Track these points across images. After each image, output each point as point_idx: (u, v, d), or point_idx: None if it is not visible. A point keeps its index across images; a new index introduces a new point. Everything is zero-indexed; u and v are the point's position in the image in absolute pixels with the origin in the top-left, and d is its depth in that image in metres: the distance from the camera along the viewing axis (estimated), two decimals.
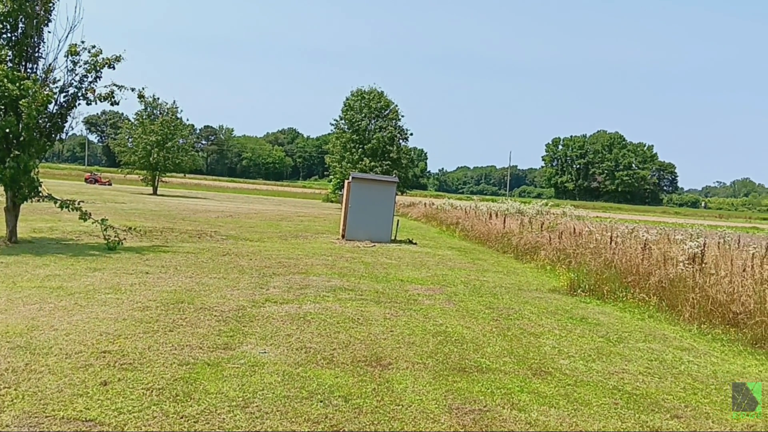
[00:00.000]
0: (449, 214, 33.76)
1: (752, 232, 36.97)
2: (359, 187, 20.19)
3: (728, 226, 36.38)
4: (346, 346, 6.74)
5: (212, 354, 6.07)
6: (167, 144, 53.33)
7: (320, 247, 17.26)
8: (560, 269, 14.48)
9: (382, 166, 56.92)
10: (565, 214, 27.57)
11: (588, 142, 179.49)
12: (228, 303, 8.53)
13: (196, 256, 13.05)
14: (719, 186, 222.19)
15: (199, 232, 18.61)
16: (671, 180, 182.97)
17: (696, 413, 5.43)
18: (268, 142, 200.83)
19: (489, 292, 11.40)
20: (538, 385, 5.91)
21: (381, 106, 60.64)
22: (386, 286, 11.15)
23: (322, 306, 8.82)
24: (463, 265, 15.63)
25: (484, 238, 23.30)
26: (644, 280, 11.07)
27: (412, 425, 4.68)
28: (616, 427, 4.95)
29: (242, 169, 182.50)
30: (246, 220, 26.09)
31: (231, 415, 4.61)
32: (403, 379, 5.75)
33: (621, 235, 14.38)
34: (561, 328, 8.57)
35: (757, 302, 8.62)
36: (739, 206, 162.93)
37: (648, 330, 8.91)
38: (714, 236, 13.86)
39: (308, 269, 12.41)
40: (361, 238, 19.62)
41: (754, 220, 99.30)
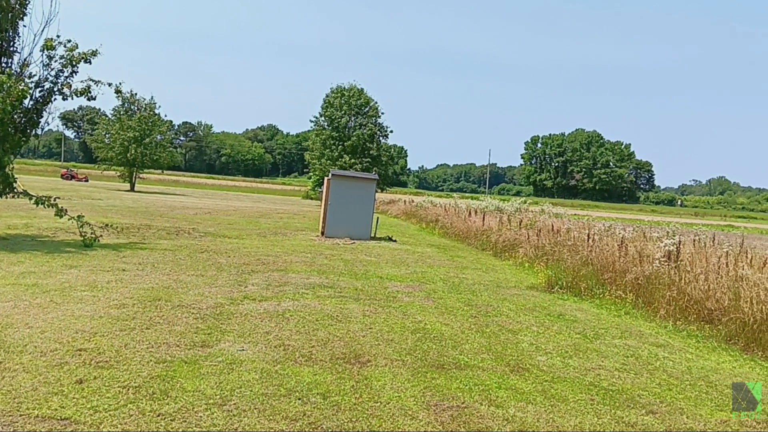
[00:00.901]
0: (429, 212, 33.83)
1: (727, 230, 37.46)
2: (339, 184, 20.15)
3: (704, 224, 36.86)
4: (325, 343, 6.73)
5: (189, 352, 6.03)
6: (145, 140, 52.79)
7: (299, 244, 17.21)
8: (538, 266, 14.59)
9: (362, 163, 56.93)
10: (543, 211, 27.76)
11: (566, 140, 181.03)
12: (206, 300, 8.48)
13: (174, 254, 12.95)
14: (695, 184, 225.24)
15: (177, 229, 18.46)
16: (648, 178, 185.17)
17: (671, 409, 5.50)
18: (247, 138, 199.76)
19: (468, 289, 11.45)
20: (516, 381, 5.95)
21: (361, 103, 60.65)
22: (365, 283, 11.15)
23: (301, 303, 8.80)
24: (443, 262, 15.68)
25: (463, 235, 23.39)
26: (621, 277, 11.18)
27: (391, 422, 4.69)
28: (592, 423, 5.00)
29: (221, 165, 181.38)
30: (225, 217, 25.93)
31: (208, 413, 4.59)
32: (382, 376, 5.76)
33: (598, 232, 14.51)
34: (539, 325, 8.63)
35: (732, 299, 8.75)
36: (715, 204, 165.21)
37: (624, 326, 9.01)
38: (689, 234, 14.02)
39: (287, 266, 12.37)
40: (340, 236, 19.60)
41: (730, 218, 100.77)
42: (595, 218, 22.52)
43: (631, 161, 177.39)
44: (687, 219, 73.68)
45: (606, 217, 43.04)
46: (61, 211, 13.50)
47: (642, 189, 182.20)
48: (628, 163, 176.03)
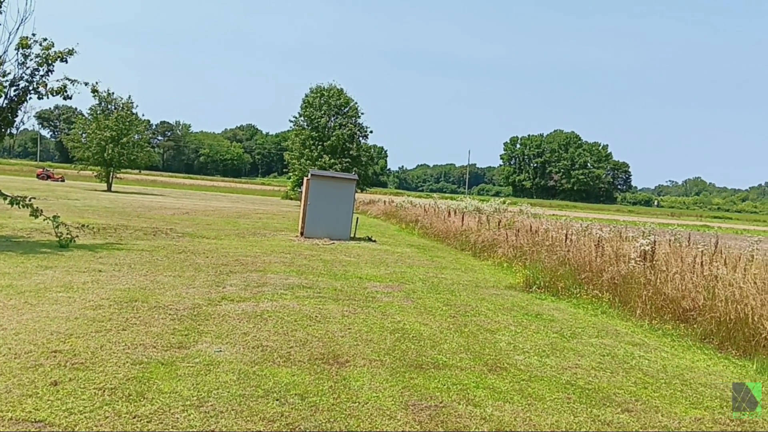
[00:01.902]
0: (409, 212, 33.89)
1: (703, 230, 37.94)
2: (318, 184, 20.12)
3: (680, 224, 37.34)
4: (304, 344, 6.72)
5: (166, 353, 5.99)
6: (122, 140, 52.22)
7: (279, 244, 17.15)
8: (517, 266, 14.68)
9: (342, 164, 56.86)
10: (522, 212, 27.94)
11: (545, 141, 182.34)
12: (183, 301, 8.42)
13: (151, 254, 12.84)
14: (671, 185, 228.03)
15: (154, 230, 18.30)
16: (625, 179, 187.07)
17: (646, 407, 5.56)
18: (226, 138, 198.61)
19: (447, 289, 11.49)
20: (494, 380, 5.98)
21: (341, 103, 60.58)
22: (345, 283, 11.14)
23: (280, 304, 8.77)
24: (422, 262, 15.72)
25: (443, 235, 23.46)
26: (597, 276, 11.29)
27: (368, 422, 4.69)
28: (568, 422, 5.04)
29: (199, 165, 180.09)
30: (203, 218, 25.77)
31: (185, 414, 4.56)
32: (360, 376, 5.76)
33: (576, 232, 14.64)
34: (516, 324, 8.69)
35: (707, 298, 8.88)
36: (691, 205, 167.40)
37: (601, 326, 9.09)
38: (665, 234, 14.19)
39: (266, 267, 12.32)
40: (320, 236, 19.56)
41: (705, 219, 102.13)
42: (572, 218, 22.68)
43: (609, 162, 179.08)
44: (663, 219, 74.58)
45: (584, 217, 43.41)
46: (36, 211, 13.32)
47: (619, 189, 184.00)
48: (605, 163, 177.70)
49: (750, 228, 66.60)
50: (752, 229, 62.48)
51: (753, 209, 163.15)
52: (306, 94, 62.35)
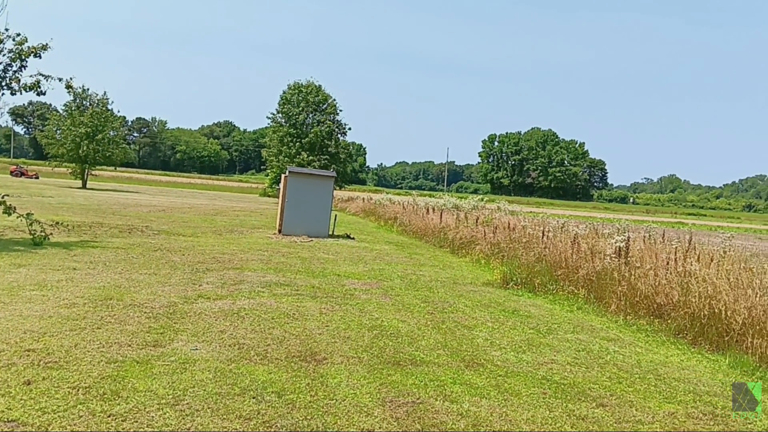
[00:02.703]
0: (387, 209, 33.90)
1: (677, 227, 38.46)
2: (296, 181, 20.05)
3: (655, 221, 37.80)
4: (281, 341, 6.70)
5: (141, 351, 5.93)
6: (97, 136, 51.65)
7: (256, 242, 17.07)
8: (494, 263, 14.76)
9: (320, 161, 56.67)
10: (499, 209, 28.10)
11: (523, 138, 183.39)
12: (159, 299, 8.35)
13: (126, 252, 12.70)
14: (647, 182, 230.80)
15: (129, 227, 18.11)
16: (601, 176, 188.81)
17: (620, 401, 5.63)
18: (203, 135, 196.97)
19: (425, 286, 11.52)
20: (471, 376, 6.02)
21: (319, 100, 60.37)
22: (323, 281, 11.12)
23: (257, 302, 8.73)
24: (400, 259, 15.74)
25: (421, 233, 23.51)
26: (573, 273, 11.40)
27: (346, 419, 4.69)
28: (544, 416, 5.08)
29: (176, 162, 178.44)
30: (179, 215, 25.55)
31: (160, 413, 4.52)
32: (338, 373, 5.76)
33: (552, 229, 14.76)
34: (494, 321, 8.74)
35: (680, 294, 8.99)
36: (666, 202, 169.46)
37: (576, 321, 9.18)
38: (640, 231, 14.36)
39: (243, 265, 12.26)
40: (298, 233, 19.50)
41: (680, 215, 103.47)
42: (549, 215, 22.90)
43: (585, 160, 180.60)
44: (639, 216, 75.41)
45: (560, 214, 43.76)
46: (9, 208, 13.11)
47: (596, 187, 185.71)
48: (582, 161, 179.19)
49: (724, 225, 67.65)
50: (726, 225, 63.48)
51: (727, 206, 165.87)
52: (284, 91, 62.04)
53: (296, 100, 60.06)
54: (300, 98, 60.07)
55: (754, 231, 55.04)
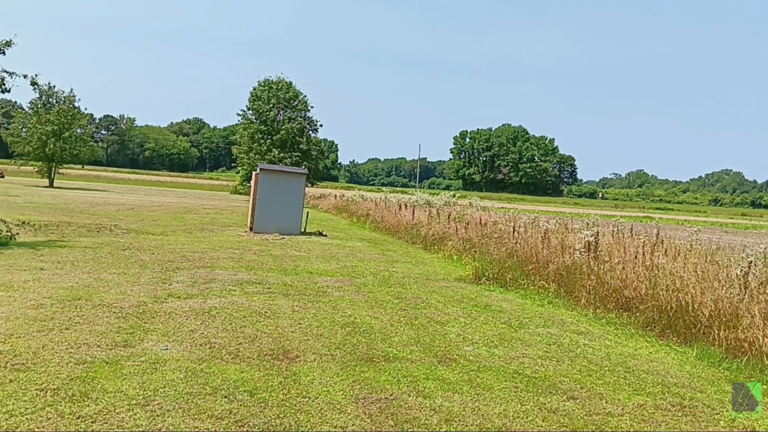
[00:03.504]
0: (360, 206, 33.86)
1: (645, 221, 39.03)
2: (267, 178, 19.93)
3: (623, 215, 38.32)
4: (253, 340, 6.66)
5: (111, 352, 5.85)
6: (64, 134, 50.72)
7: (227, 240, 16.93)
8: (466, 259, 14.83)
9: (292, 158, 56.29)
10: (471, 205, 28.22)
11: (494, 135, 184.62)
12: (128, 299, 8.24)
13: (95, 251, 12.51)
14: (615, 177, 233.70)
15: (98, 226, 17.84)
16: (571, 172, 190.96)
17: (591, 394, 5.70)
18: (172, 132, 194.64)
19: (398, 282, 11.54)
20: (443, 371, 6.04)
21: (290, 96, 59.93)
22: (295, 278, 11.08)
23: (228, 300, 8.67)
24: (373, 256, 15.74)
25: (394, 229, 23.53)
26: (544, 267, 11.51)
27: (319, 417, 4.68)
28: (516, 410, 5.13)
29: (145, 160, 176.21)
30: (148, 213, 25.23)
31: (131, 413, 4.47)
32: (311, 371, 5.74)
33: (523, 225, 14.87)
34: (466, 316, 8.79)
35: (648, 287, 9.14)
36: (634, 197, 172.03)
37: (547, 315, 9.27)
38: (609, 225, 14.54)
39: (214, 263, 12.15)
40: (269, 231, 19.38)
41: (648, 210, 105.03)
42: (520, 211, 23.06)
43: (555, 155, 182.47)
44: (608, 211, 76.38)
45: (531, 209, 44.16)
46: None
47: (565, 182, 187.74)
48: (552, 157, 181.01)
49: (690, 219, 68.87)
50: (692, 219, 64.64)
51: (693, 200, 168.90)
52: (254, 87, 61.36)
53: (267, 97, 59.55)
54: (270, 95, 59.57)
55: (720, 224, 56.14)
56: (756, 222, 74.27)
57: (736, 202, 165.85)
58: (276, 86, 60.00)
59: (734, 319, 7.51)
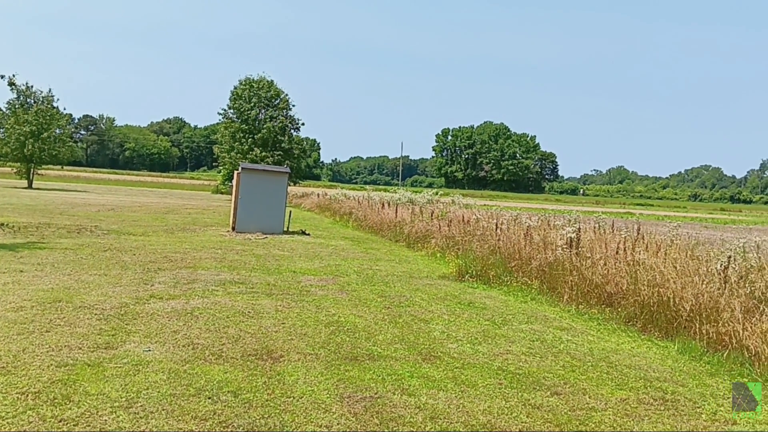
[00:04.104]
0: (342, 205, 33.80)
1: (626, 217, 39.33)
2: (249, 177, 19.84)
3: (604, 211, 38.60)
4: (236, 340, 6.63)
5: (93, 354, 5.80)
6: (43, 134, 50.11)
7: (209, 240, 16.84)
8: (450, 256, 14.87)
9: (274, 157, 56.06)
10: (454, 202, 28.29)
11: (476, 132, 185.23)
12: (110, 300, 8.16)
13: (75, 253, 12.38)
14: (596, 174, 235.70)
15: (78, 227, 17.65)
16: (552, 169, 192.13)
17: (574, 389, 5.74)
18: (152, 131, 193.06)
19: (381, 280, 11.54)
20: (428, 369, 6.05)
21: (271, 95, 59.66)
22: (278, 278, 11.04)
23: (211, 300, 8.62)
24: (356, 254, 15.73)
25: (377, 227, 23.52)
26: (527, 264, 11.56)
27: (303, 416, 4.67)
28: (500, 406, 5.15)
29: (125, 160, 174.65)
30: (129, 214, 25.01)
31: (113, 416, 4.43)
32: (295, 371, 5.72)
33: (506, 222, 14.93)
34: (450, 313, 8.81)
35: (630, 283, 9.21)
36: (615, 193, 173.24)
37: (530, 312, 9.32)
38: (590, 221, 14.66)
39: (196, 263, 12.08)
40: (252, 230, 19.30)
41: (628, 206, 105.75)
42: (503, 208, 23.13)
43: (537, 152, 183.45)
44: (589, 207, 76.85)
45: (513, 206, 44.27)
46: None
47: (547, 179, 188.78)
48: (533, 154, 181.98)
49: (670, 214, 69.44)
50: (672, 215, 65.17)
51: (673, 196, 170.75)
52: (235, 86, 60.97)
53: (248, 96, 59.24)
54: (252, 93, 59.26)
55: (700, 220, 56.72)
56: (735, 217, 75.21)
57: (715, 198, 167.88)
58: (257, 85, 59.72)
59: (715, 313, 7.59)
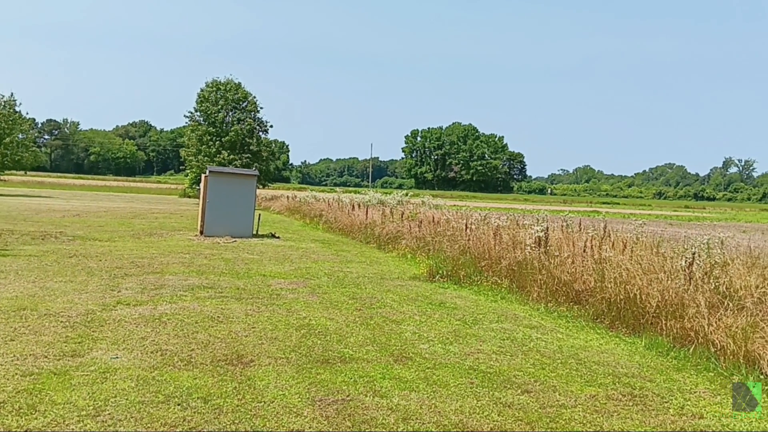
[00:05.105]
0: (312, 207, 33.68)
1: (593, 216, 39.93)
2: (217, 181, 19.66)
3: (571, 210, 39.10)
4: (206, 345, 6.56)
5: (59, 362, 5.69)
6: (5, 140, 49.21)
7: (177, 244, 16.64)
8: (420, 257, 14.92)
9: (242, 159, 55.66)
10: (424, 203, 28.36)
11: (445, 133, 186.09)
12: (76, 308, 8.02)
13: (40, 259, 12.14)
14: (563, 173, 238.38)
15: (42, 234, 17.31)
16: (520, 169, 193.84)
17: (544, 387, 5.80)
18: (118, 135, 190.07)
19: (352, 282, 11.53)
20: (400, 370, 6.06)
21: (238, 97, 59.23)
22: (248, 282, 10.96)
23: (180, 306, 8.51)
24: (327, 257, 15.68)
25: (347, 229, 23.49)
26: (496, 264, 11.65)
27: (275, 421, 4.64)
28: (472, 406, 5.18)
29: (90, 164, 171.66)
30: (95, 219, 24.61)
31: (81, 425, 4.35)
32: (266, 375, 5.68)
33: (475, 222, 15.02)
34: (421, 314, 8.84)
35: (597, 280, 9.34)
36: (582, 191, 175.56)
37: (501, 311, 9.39)
38: (558, 220, 14.82)
39: (164, 268, 11.93)
40: (220, 234, 19.13)
41: (595, 204, 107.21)
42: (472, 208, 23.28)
43: (505, 153, 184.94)
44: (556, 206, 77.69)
45: (483, 206, 44.58)
46: None
47: (515, 179, 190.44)
48: (502, 154, 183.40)
49: (636, 212, 70.57)
50: (638, 213, 66.21)
51: (639, 194, 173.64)
52: (201, 89, 60.41)
53: (215, 98, 58.71)
54: (219, 96, 58.76)
55: (665, 217, 57.71)
56: (699, 214, 76.74)
57: (679, 195, 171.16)
58: (224, 87, 59.26)
59: (680, 309, 7.73)
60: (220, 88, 59.28)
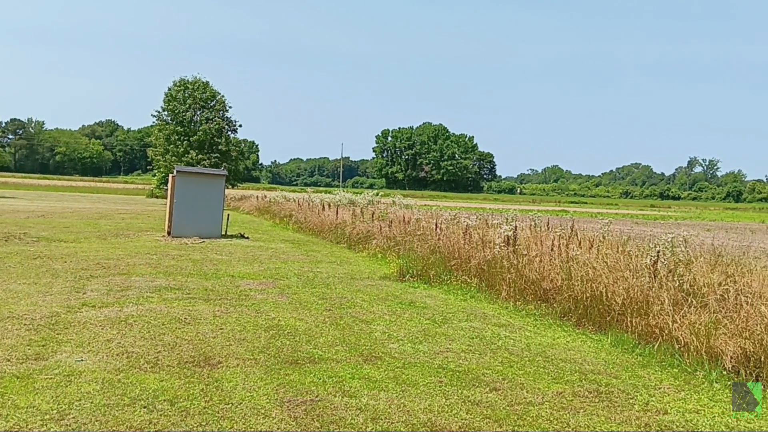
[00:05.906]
0: (282, 207, 33.52)
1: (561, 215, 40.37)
2: (185, 181, 19.44)
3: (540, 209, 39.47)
4: (173, 347, 6.49)
5: (22, 366, 5.58)
6: None
7: (144, 245, 16.43)
8: (391, 257, 14.94)
9: (211, 159, 55.13)
10: (394, 203, 28.42)
11: (415, 133, 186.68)
12: (39, 310, 7.87)
13: (3, 261, 11.89)
14: (532, 173, 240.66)
15: (5, 235, 16.94)
16: (490, 168, 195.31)
17: (512, 384, 5.85)
18: (84, 135, 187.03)
19: (322, 282, 11.50)
20: (369, 370, 6.06)
21: (207, 96, 58.65)
22: (216, 282, 10.86)
23: (146, 307, 8.41)
24: (297, 257, 15.62)
25: (317, 229, 23.42)
26: (466, 263, 11.72)
27: (242, 423, 4.61)
28: (441, 404, 5.20)
29: (56, 164, 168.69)
30: (60, 220, 24.17)
31: (44, 429, 4.28)
32: (233, 377, 5.64)
33: (445, 221, 15.12)
34: (391, 314, 8.85)
35: (564, 279, 9.45)
36: (550, 191, 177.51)
37: (470, 310, 9.45)
38: (527, 220, 14.98)
39: (130, 269, 11.76)
40: (188, 235, 18.92)
41: (563, 204, 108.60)
42: (442, 208, 23.45)
43: (475, 153, 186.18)
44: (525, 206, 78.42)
45: (453, 206, 44.89)
46: None
47: (485, 179, 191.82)
48: (472, 154, 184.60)
49: (603, 211, 71.61)
50: (605, 212, 67.19)
51: (606, 193, 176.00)
52: (169, 88, 59.66)
53: (183, 97, 58.05)
54: (186, 95, 58.12)
55: (631, 216, 58.61)
56: (664, 213, 78.07)
57: (645, 195, 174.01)
58: (192, 86, 58.63)
59: (645, 306, 7.86)
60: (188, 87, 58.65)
